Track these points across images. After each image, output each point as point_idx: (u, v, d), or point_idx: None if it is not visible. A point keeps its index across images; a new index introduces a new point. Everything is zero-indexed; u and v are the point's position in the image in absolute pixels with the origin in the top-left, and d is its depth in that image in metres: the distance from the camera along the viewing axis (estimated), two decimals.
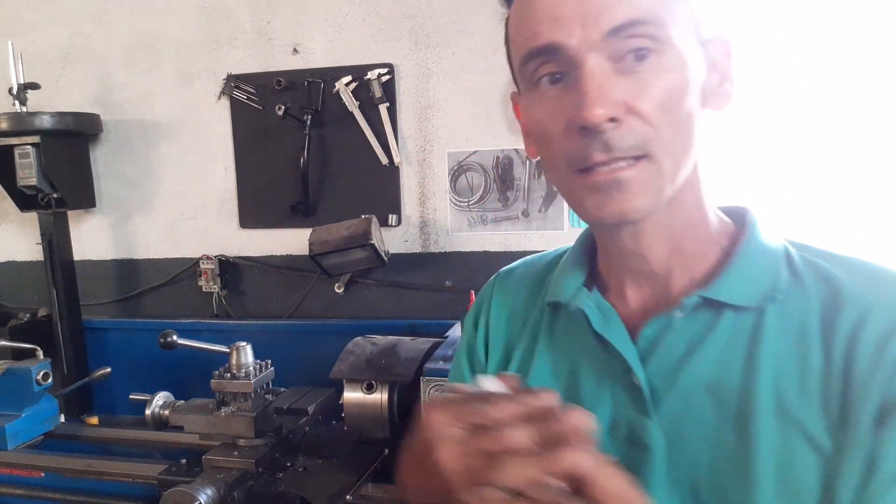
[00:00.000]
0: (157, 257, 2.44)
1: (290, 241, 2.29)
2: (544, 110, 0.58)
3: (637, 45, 0.54)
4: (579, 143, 0.55)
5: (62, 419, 2.03)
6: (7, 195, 2.27)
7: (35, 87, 2.18)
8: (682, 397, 0.58)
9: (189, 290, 2.39)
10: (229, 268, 2.35)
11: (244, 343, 1.75)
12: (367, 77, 2.13)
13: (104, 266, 2.48)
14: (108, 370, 2.05)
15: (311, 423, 1.85)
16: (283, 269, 2.32)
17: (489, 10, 1.58)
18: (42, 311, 2.39)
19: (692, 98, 0.57)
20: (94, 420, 2.28)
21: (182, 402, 1.80)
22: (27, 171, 2.14)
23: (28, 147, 2.12)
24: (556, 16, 0.55)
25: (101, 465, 1.80)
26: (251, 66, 2.26)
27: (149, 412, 1.74)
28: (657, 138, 0.55)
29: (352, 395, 1.75)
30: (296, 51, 2.22)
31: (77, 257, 2.36)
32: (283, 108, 2.17)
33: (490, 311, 0.77)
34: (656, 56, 0.55)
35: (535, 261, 0.81)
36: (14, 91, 2.14)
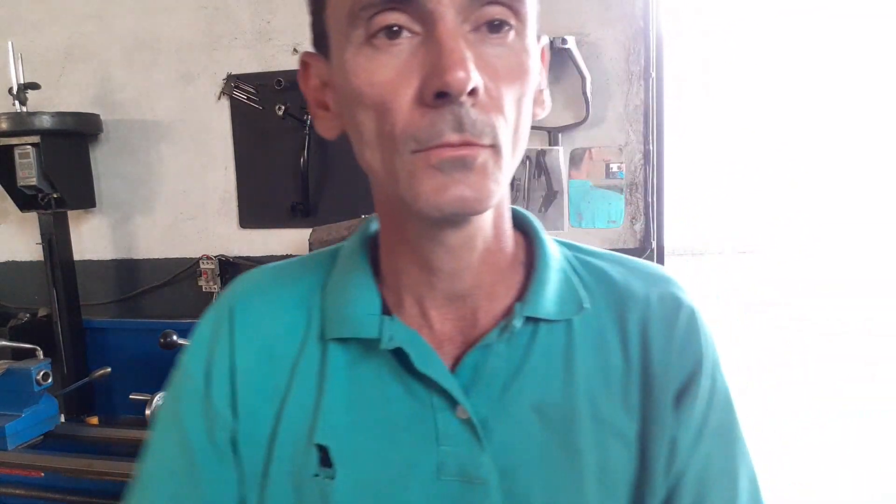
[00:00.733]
0: (157, 257, 2.44)
1: (290, 241, 2.29)
2: (383, 72, 0.46)
3: (498, 15, 0.46)
4: (428, 117, 0.45)
5: (62, 419, 2.03)
6: (7, 195, 2.26)
7: (35, 87, 2.18)
8: (512, 423, 0.54)
9: (189, 290, 2.39)
10: (229, 268, 2.35)
11: None
12: None
13: (104, 266, 2.48)
14: (108, 370, 2.06)
15: None
16: None
17: None
18: (42, 311, 2.39)
19: (531, 94, 0.50)
20: (94, 420, 2.28)
21: None
22: (27, 171, 2.13)
23: (28, 147, 2.12)
24: None
25: (101, 465, 1.80)
26: (251, 66, 2.26)
27: (149, 412, 1.74)
28: (504, 127, 0.47)
29: None
30: (296, 51, 2.22)
31: (77, 257, 2.36)
32: (283, 108, 2.17)
33: (233, 352, 0.58)
34: (514, 36, 0.47)
35: (279, 275, 0.63)
36: (14, 91, 2.14)
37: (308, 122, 2.15)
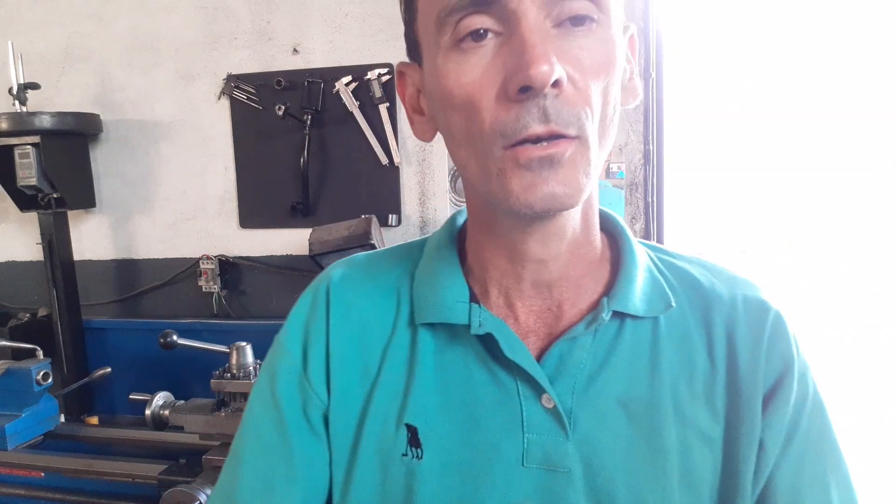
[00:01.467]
0: (157, 257, 2.44)
1: (290, 241, 2.29)
2: (470, 72, 0.48)
3: (580, 10, 0.47)
4: (513, 111, 0.46)
5: (62, 419, 2.03)
6: (7, 195, 2.27)
7: (35, 87, 2.18)
8: (597, 415, 0.55)
9: (189, 290, 2.39)
10: (229, 268, 2.35)
11: (244, 343, 1.75)
12: (367, 77, 2.13)
13: (104, 266, 2.48)
14: (108, 370, 2.06)
15: None
16: (282, 269, 2.32)
17: None
18: (42, 311, 2.39)
19: (619, 84, 0.51)
20: (94, 420, 2.28)
21: (182, 402, 1.80)
22: (27, 171, 2.14)
23: (28, 147, 2.12)
24: None
25: (101, 465, 1.80)
26: (251, 66, 2.26)
27: (149, 412, 1.74)
28: (590, 118, 0.48)
29: None
30: (296, 51, 2.22)
31: (77, 257, 2.36)
32: (283, 108, 2.17)
33: (329, 333, 0.61)
34: (598, 28, 0.48)
35: (370, 264, 0.66)
36: (14, 91, 2.14)
37: (308, 122, 2.16)
